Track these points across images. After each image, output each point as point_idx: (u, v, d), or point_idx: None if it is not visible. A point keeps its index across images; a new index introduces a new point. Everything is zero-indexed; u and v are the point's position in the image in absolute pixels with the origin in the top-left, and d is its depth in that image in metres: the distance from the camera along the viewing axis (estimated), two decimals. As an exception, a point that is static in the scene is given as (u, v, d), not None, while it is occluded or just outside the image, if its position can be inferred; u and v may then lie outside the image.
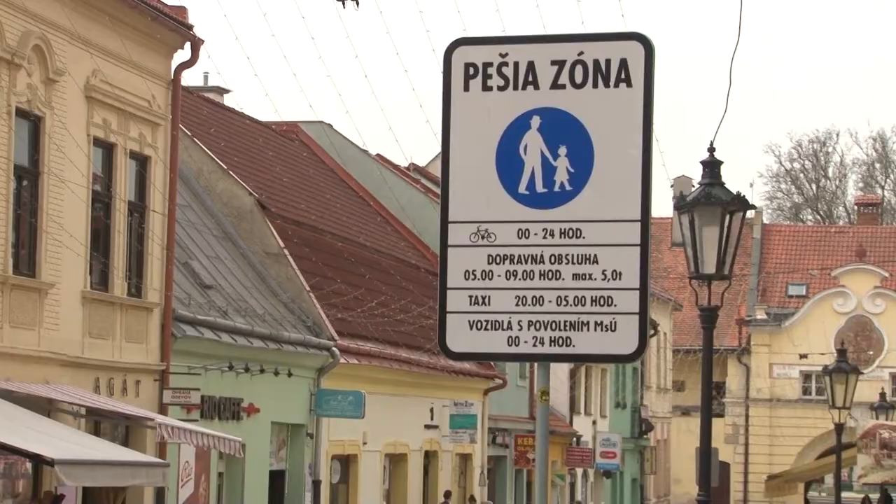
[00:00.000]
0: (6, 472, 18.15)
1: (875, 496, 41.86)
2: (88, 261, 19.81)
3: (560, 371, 39.57)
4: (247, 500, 24.74)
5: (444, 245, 6.97)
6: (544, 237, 6.80)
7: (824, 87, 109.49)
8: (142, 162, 21.57)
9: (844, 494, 30.44)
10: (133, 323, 21.08)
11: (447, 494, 34.09)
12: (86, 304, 19.70)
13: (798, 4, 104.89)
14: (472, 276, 6.86)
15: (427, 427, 33.48)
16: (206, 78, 34.10)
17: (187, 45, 22.69)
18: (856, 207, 70.39)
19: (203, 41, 22.83)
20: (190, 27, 22.54)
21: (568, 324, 6.76)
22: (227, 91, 35.67)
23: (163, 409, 20.81)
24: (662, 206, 55.58)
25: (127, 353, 20.68)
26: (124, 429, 20.34)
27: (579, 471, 45.57)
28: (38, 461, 16.11)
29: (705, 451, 13.38)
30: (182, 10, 22.38)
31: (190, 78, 25.20)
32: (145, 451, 19.85)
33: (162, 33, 21.87)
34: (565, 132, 6.77)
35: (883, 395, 37.72)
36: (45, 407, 17.81)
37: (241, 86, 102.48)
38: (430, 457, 34.21)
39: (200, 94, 31.91)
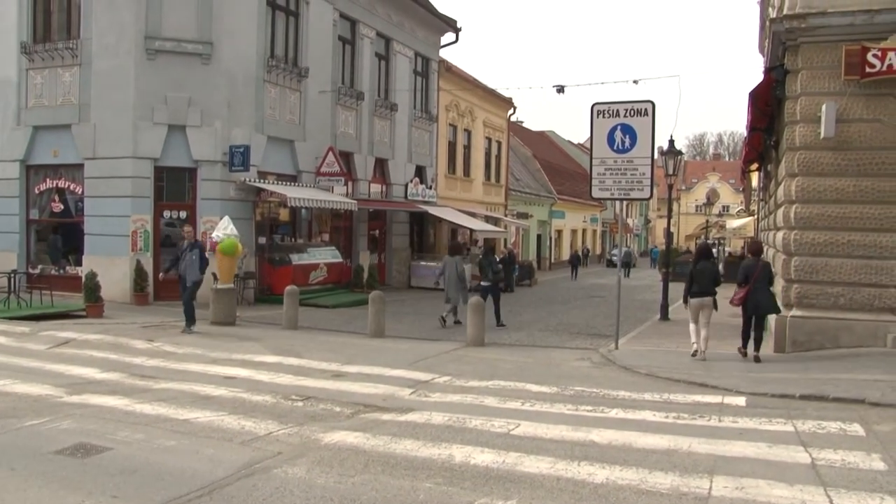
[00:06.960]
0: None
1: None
2: (484, 168, 37.28)
3: (620, 204, 55.31)
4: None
5: (591, 167, 14.02)
6: (621, 162, 13.78)
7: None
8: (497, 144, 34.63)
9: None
10: (493, 190, 34.23)
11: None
12: (484, 186, 36.74)
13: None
14: (600, 174, 13.75)
15: (584, 221, 61.19)
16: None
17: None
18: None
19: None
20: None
21: (628, 188, 13.71)
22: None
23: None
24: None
25: (494, 198, 36.26)
26: (494, 221, 36.66)
27: (627, 234, 74.03)
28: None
29: (667, 234, 22.73)
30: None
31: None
32: (499, 226, 36.73)
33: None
34: (628, 130, 13.77)
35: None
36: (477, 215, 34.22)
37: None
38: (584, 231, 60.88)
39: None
